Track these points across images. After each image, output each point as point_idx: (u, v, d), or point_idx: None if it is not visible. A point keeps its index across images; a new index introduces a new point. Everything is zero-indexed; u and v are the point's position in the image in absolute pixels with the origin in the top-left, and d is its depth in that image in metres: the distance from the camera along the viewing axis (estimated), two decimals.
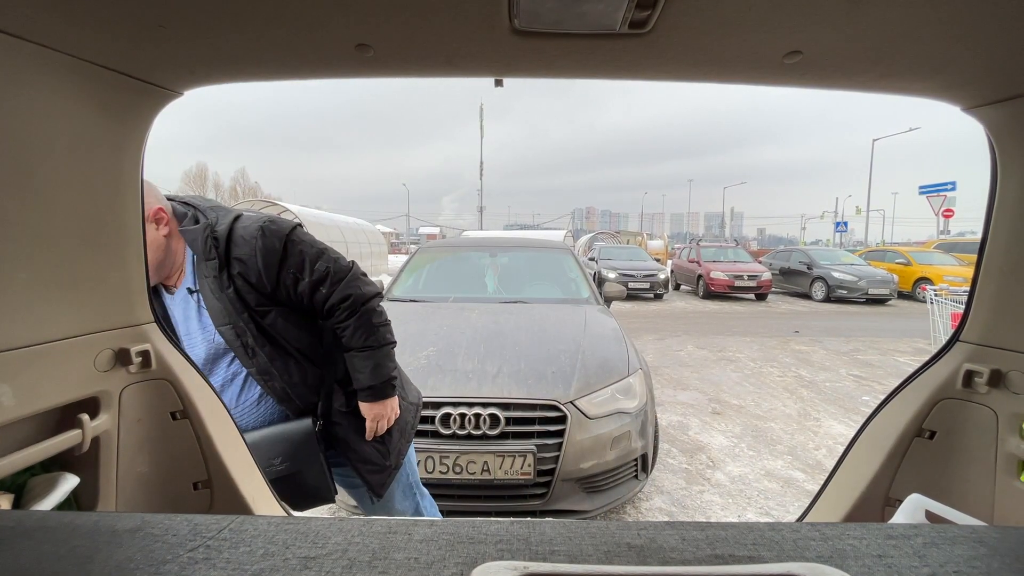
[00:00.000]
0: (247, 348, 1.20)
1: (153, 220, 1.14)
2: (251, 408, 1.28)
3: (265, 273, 1.18)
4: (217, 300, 1.17)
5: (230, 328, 1.18)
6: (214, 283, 1.17)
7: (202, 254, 1.17)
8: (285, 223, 1.24)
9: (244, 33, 0.91)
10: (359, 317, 1.28)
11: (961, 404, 1.22)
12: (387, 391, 1.34)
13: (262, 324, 1.20)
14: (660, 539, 0.51)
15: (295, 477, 1.28)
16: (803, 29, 0.88)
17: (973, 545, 0.51)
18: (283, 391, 1.24)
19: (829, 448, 3.48)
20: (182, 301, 1.22)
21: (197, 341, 1.23)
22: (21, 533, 0.52)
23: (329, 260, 1.26)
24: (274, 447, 1.25)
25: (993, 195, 1.17)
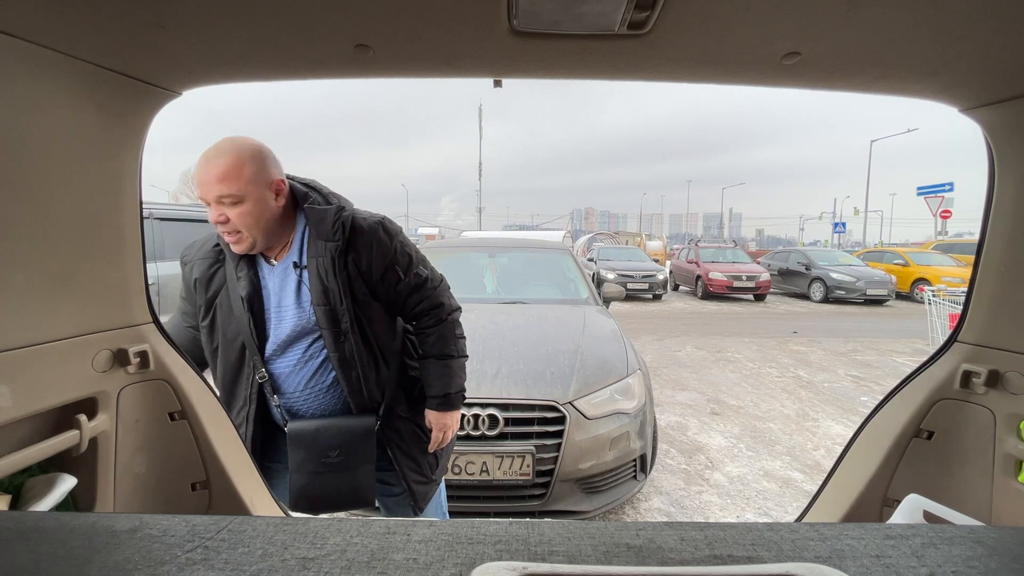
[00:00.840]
0: (339, 332, 1.19)
1: (273, 190, 1.13)
2: (318, 394, 1.26)
3: (376, 265, 1.20)
4: (325, 280, 1.16)
5: (329, 309, 1.17)
6: (329, 263, 1.16)
7: (327, 234, 1.17)
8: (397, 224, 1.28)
9: (243, 33, 0.91)
10: (444, 326, 1.32)
11: (959, 404, 1.23)
12: (457, 402, 1.35)
13: (359, 314, 1.21)
14: (659, 539, 0.51)
15: (344, 473, 1.26)
16: (801, 30, 0.88)
17: (971, 545, 0.51)
18: (357, 382, 1.23)
19: (827, 448, 3.48)
20: (281, 273, 1.21)
21: (288, 315, 1.22)
22: (19, 534, 0.52)
23: (428, 268, 1.31)
24: (334, 438, 1.24)
25: (991, 196, 1.17)
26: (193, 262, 1.29)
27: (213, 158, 1.08)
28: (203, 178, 1.09)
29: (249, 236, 1.13)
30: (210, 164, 1.08)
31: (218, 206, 1.09)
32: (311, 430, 1.25)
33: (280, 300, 1.22)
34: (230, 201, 1.09)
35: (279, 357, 1.24)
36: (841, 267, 13.00)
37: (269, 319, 1.22)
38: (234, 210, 1.09)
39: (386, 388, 1.29)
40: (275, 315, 1.22)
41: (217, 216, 1.10)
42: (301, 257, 1.20)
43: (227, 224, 1.10)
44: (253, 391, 1.27)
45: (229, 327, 1.25)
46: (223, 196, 1.08)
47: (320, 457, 1.24)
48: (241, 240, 1.13)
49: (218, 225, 1.11)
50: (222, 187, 1.07)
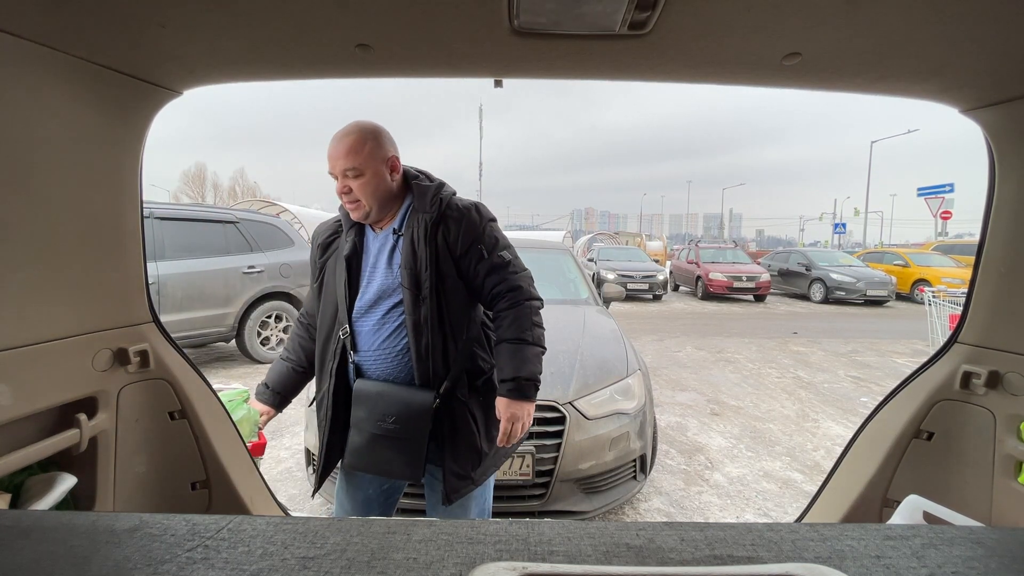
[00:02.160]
0: (419, 296, 1.26)
1: (388, 167, 1.28)
2: (388, 357, 1.32)
3: (462, 240, 1.29)
4: (416, 246, 1.27)
5: (413, 273, 1.27)
6: (422, 232, 1.27)
7: (425, 207, 1.29)
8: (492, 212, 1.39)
9: (245, 33, 0.91)
10: (520, 309, 1.32)
11: (959, 405, 1.23)
12: (529, 391, 1.32)
13: (440, 285, 1.28)
14: (659, 539, 0.51)
15: (397, 442, 1.29)
16: (802, 31, 0.88)
17: (971, 546, 0.51)
18: (426, 349, 1.27)
19: (827, 449, 3.48)
20: (382, 239, 1.34)
21: (378, 275, 1.32)
22: (19, 533, 0.51)
23: (514, 254, 1.37)
24: (393, 404, 1.28)
25: (991, 197, 1.17)
26: (318, 234, 1.46)
27: (341, 137, 1.23)
28: (332, 153, 1.24)
29: (366, 204, 1.27)
30: (339, 142, 1.23)
31: (343, 178, 1.24)
32: (374, 392, 1.31)
33: (376, 262, 1.34)
34: (353, 174, 1.23)
35: (363, 316, 1.33)
36: (841, 268, 13.00)
37: (363, 280, 1.35)
38: (356, 181, 1.24)
39: (451, 366, 1.31)
40: (368, 275, 1.34)
41: (342, 187, 1.25)
42: (400, 226, 1.32)
43: (350, 194, 1.25)
44: (338, 347, 1.35)
45: (331, 286, 1.38)
46: (347, 169, 1.22)
47: (377, 419, 1.29)
48: (360, 207, 1.27)
49: (342, 195, 1.27)
50: (347, 161, 1.22)
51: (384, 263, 1.32)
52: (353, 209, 1.29)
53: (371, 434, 1.30)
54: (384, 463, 1.31)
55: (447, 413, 1.31)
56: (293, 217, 13.39)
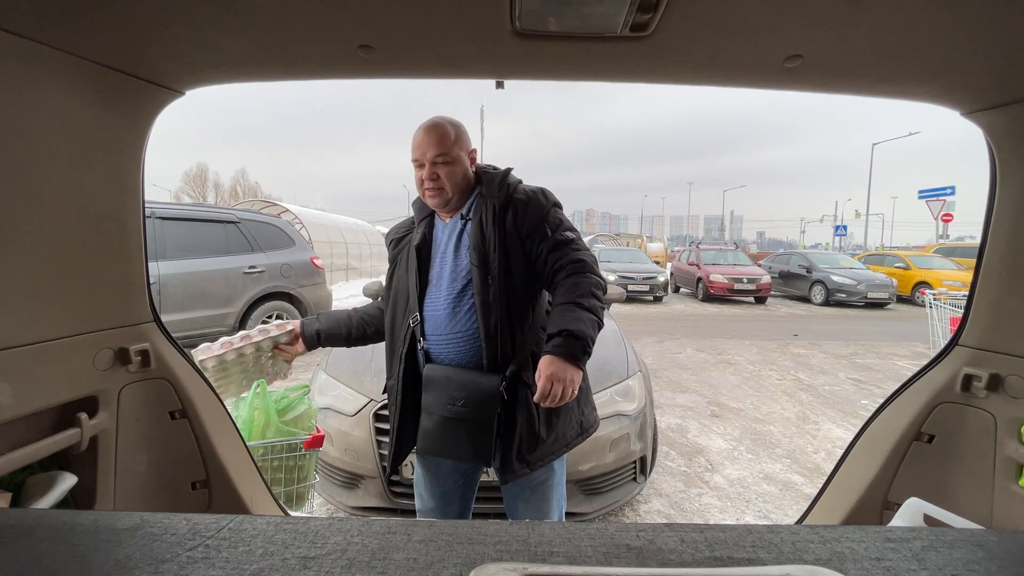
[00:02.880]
0: (488, 276, 1.30)
1: (469, 158, 1.37)
2: (457, 341, 1.34)
3: (528, 221, 1.33)
4: (484, 228, 1.32)
5: (483, 254, 1.31)
6: (490, 215, 1.32)
7: (494, 191, 1.35)
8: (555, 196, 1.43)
9: (247, 34, 0.91)
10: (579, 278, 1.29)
11: (960, 408, 1.22)
12: (576, 351, 1.20)
13: (508, 266, 1.32)
14: (659, 541, 0.51)
15: (466, 425, 1.30)
16: (803, 33, 0.88)
17: (971, 549, 0.51)
18: (495, 328, 1.29)
19: (828, 451, 3.48)
20: (452, 225, 1.39)
21: (448, 260, 1.37)
22: (20, 532, 0.52)
23: (578, 235, 1.40)
24: (463, 387, 1.30)
25: (992, 199, 1.17)
26: (392, 232, 1.53)
27: (431, 127, 1.31)
28: (424, 141, 1.30)
29: (449, 191, 1.33)
30: (429, 131, 1.31)
31: (432, 165, 1.30)
32: (443, 376, 1.34)
33: (445, 249, 1.39)
34: (443, 160, 1.30)
35: (432, 301, 1.37)
36: (842, 270, 12.99)
37: (433, 268, 1.39)
38: (445, 168, 1.30)
39: (518, 349, 1.32)
40: (439, 262, 1.39)
41: (430, 173, 1.31)
42: (468, 211, 1.38)
43: (436, 180, 1.31)
44: (408, 334, 1.39)
45: (401, 276, 1.43)
46: (438, 155, 1.29)
47: (447, 402, 1.31)
48: (442, 194, 1.33)
49: (428, 181, 1.32)
50: (439, 148, 1.30)
51: (453, 248, 1.37)
52: (435, 195, 1.33)
53: (441, 417, 1.32)
54: (454, 447, 1.34)
55: (512, 395, 1.31)
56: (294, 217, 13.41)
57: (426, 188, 1.34)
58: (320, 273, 6.47)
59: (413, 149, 1.33)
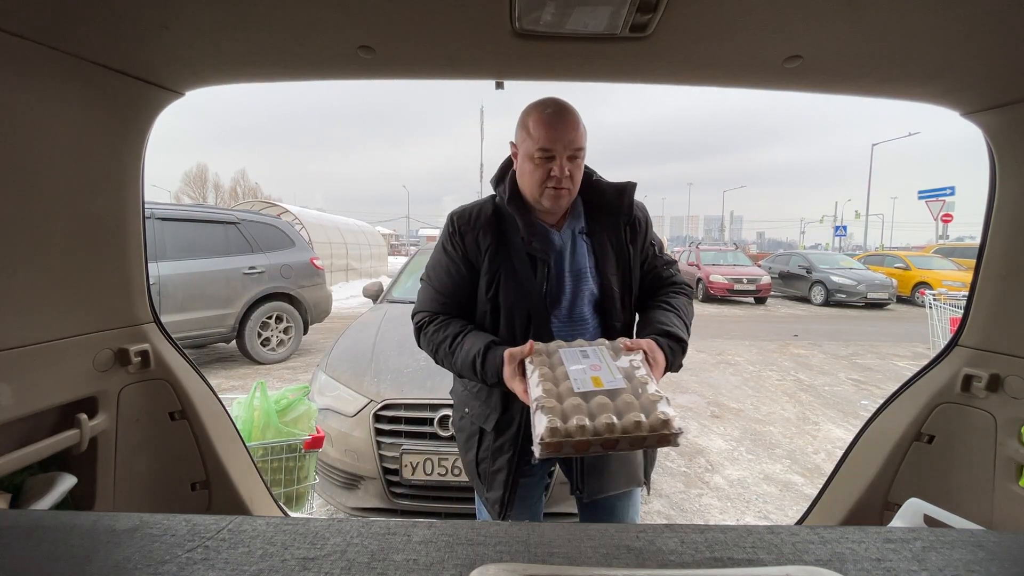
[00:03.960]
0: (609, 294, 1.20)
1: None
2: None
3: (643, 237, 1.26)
4: (612, 246, 1.21)
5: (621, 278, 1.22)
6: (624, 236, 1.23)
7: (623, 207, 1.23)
8: None
9: (247, 34, 0.91)
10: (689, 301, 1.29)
11: (960, 408, 1.22)
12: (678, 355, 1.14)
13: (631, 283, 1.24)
14: (659, 542, 0.51)
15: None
16: (803, 34, 0.88)
17: (972, 549, 0.51)
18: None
19: (828, 452, 3.48)
20: (566, 238, 1.23)
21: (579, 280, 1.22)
22: (19, 532, 0.52)
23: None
24: None
25: (992, 200, 1.17)
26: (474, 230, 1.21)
27: (562, 111, 1.08)
28: (560, 128, 1.07)
29: (575, 190, 1.15)
30: (563, 117, 1.08)
31: (565, 160, 1.09)
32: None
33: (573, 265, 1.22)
34: (579, 155, 1.11)
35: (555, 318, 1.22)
36: (842, 270, 12.99)
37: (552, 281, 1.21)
38: (574, 164, 1.12)
39: None
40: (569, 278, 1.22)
41: (563, 170, 1.09)
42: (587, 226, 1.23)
43: (568, 179, 1.11)
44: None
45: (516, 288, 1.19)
46: (579, 149, 1.10)
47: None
48: (569, 194, 1.15)
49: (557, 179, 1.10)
50: (578, 139, 1.09)
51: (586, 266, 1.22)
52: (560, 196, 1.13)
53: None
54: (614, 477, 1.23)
55: None
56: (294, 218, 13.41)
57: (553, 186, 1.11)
58: (320, 274, 6.47)
59: (538, 136, 1.09)
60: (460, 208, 1.27)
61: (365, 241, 17.58)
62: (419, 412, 2.13)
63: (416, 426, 2.12)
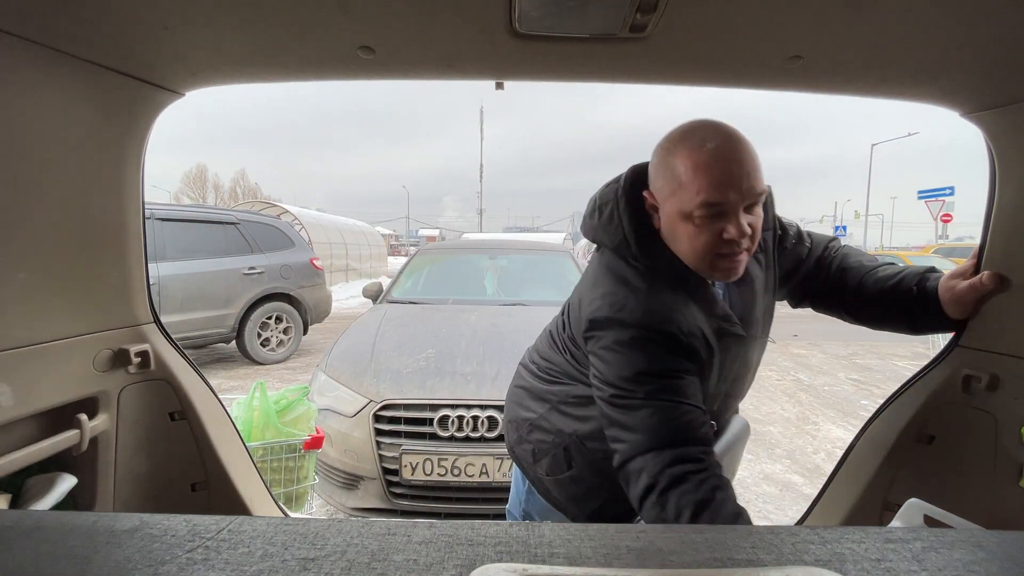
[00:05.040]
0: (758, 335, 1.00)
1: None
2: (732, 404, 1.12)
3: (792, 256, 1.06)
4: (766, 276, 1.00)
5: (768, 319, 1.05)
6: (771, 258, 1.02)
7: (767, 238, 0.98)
8: None
9: (247, 35, 0.91)
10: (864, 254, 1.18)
11: (960, 409, 1.22)
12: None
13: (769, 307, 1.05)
14: (659, 542, 0.51)
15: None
16: (803, 34, 0.88)
17: (972, 550, 0.51)
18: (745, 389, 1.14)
19: (828, 452, 3.48)
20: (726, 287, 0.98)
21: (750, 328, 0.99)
22: (19, 533, 0.52)
23: None
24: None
25: (991, 200, 1.17)
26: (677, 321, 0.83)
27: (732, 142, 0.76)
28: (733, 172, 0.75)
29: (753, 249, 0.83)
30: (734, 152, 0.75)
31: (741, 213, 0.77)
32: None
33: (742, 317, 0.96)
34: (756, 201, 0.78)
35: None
36: None
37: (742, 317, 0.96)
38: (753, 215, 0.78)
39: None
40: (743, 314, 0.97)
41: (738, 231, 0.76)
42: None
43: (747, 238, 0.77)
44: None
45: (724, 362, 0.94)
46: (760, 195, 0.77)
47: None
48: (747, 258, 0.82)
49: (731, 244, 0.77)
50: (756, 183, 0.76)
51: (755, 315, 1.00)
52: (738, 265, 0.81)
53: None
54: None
55: None
56: (294, 218, 13.41)
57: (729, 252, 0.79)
58: (320, 274, 6.47)
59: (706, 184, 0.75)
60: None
61: (365, 241, 17.60)
62: (419, 412, 2.13)
63: (416, 426, 2.12)
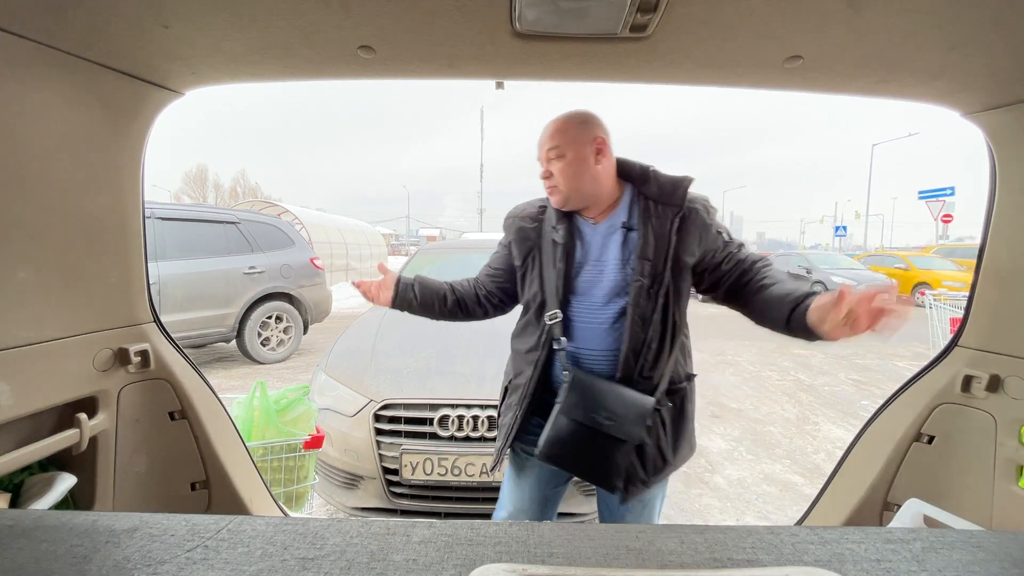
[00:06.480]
0: (651, 290, 1.21)
1: (594, 148, 1.22)
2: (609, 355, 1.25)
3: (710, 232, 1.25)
4: (656, 237, 1.21)
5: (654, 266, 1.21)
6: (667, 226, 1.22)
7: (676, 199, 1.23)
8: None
9: (248, 34, 0.91)
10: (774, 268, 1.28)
11: (960, 409, 1.22)
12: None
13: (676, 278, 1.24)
14: (658, 542, 0.51)
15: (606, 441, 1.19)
16: (804, 34, 0.88)
17: (971, 550, 0.51)
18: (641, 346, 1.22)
19: (828, 452, 3.48)
20: (606, 230, 1.27)
21: (607, 271, 1.25)
22: (19, 532, 0.51)
23: None
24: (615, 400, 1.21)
25: (992, 200, 1.17)
26: (515, 218, 1.39)
27: (551, 122, 1.24)
28: (540, 136, 1.24)
29: (564, 190, 1.23)
30: (547, 125, 1.24)
31: (546, 161, 1.23)
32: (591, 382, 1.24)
33: (601, 256, 1.27)
34: (554, 154, 1.21)
35: (582, 312, 1.26)
36: (842, 271, 12.99)
37: (581, 271, 1.27)
38: (557, 164, 1.21)
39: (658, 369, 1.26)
40: (592, 269, 1.27)
41: (544, 171, 1.24)
42: (630, 218, 1.26)
43: (550, 178, 1.24)
44: (546, 337, 1.28)
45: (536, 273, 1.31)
46: (550, 148, 1.21)
47: (592, 411, 1.20)
48: (555, 192, 1.25)
49: (544, 180, 1.26)
50: (550, 140, 1.21)
51: (615, 257, 1.24)
52: (550, 194, 1.26)
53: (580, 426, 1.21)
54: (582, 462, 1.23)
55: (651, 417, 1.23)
56: (294, 218, 13.41)
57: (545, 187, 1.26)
58: (320, 273, 6.47)
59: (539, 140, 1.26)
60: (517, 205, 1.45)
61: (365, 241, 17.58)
62: (419, 412, 2.13)
63: (416, 426, 2.12)
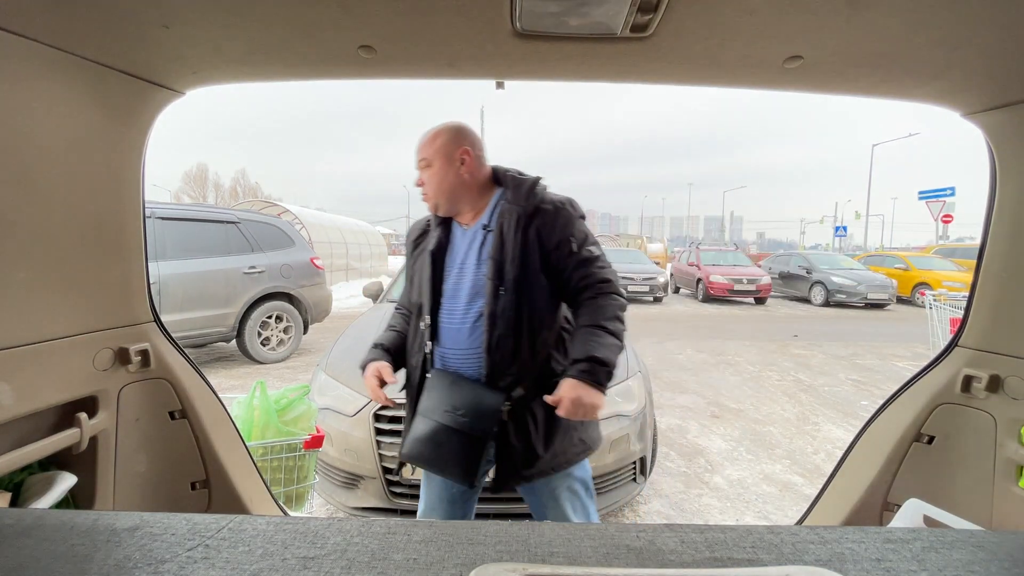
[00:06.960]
0: (500, 288, 1.25)
1: (458, 158, 1.30)
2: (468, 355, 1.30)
3: (556, 233, 1.29)
4: (505, 238, 1.27)
5: (498, 263, 1.26)
6: (513, 223, 1.28)
7: (521, 199, 1.30)
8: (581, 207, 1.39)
9: (248, 34, 0.91)
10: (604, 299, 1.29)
11: (960, 409, 1.22)
12: (601, 377, 1.20)
13: (524, 279, 1.27)
14: (659, 541, 0.51)
15: (461, 436, 1.25)
16: (804, 34, 0.88)
17: (971, 550, 0.51)
18: (498, 341, 1.25)
19: (828, 452, 3.47)
20: (471, 234, 1.35)
21: (468, 273, 1.33)
22: (20, 531, 0.52)
23: (601, 250, 1.37)
24: (466, 397, 1.26)
25: (992, 201, 1.17)
26: (411, 231, 1.51)
27: (429, 131, 1.32)
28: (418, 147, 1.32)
29: (433, 197, 1.32)
30: (425, 135, 1.32)
31: (418, 169, 1.32)
32: (449, 381, 1.30)
33: (465, 259, 1.34)
34: (423, 165, 1.31)
35: (448, 313, 1.33)
36: (842, 271, 12.99)
37: (450, 275, 1.35)
38: (425, 173, 1.31)
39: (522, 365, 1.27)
40: (458, 272, 1.34)
41: (417, 180, 1.33)
42: (490, 221, 1.33)
43: (422, 186, 1.32)
44: (421, 339, 1.36)
45: (418, 280, 1.40)
46: (419, 160, 1.31)
47: (445, 408, 1.26)
48: (426, 199, 1.33)
49: (418, 187, 1.33)
50: (419, 152, 1.31)
51: (474, 260, 1.32)
52: (423, 200, 1.34)
53: (436, 423, 1.26)
54: (440, 460, 1.27)
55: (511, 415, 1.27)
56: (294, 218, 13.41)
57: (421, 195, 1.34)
58: (320, 273, 6.47)
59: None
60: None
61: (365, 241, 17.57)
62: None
63: None
